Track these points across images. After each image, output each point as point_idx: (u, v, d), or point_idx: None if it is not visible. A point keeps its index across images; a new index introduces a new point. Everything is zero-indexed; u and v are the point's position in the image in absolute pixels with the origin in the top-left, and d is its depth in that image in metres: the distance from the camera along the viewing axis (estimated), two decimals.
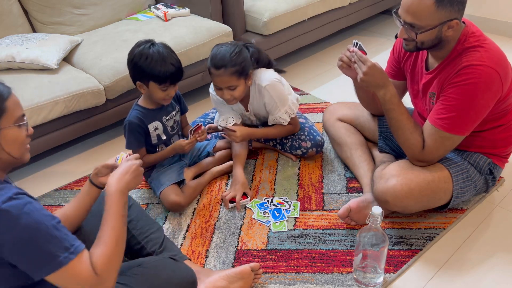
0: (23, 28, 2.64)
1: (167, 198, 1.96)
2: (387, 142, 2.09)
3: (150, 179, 2.08)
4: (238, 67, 1.92)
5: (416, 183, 1.71)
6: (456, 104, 1.62)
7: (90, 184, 1.46)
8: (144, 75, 1.86)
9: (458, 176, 1.76)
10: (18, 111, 1.17)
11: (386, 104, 1.74)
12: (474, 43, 1.62)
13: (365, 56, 1.72)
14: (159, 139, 2.05)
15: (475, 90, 1.58)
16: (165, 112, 2.03)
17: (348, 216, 1.86)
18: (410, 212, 1.87)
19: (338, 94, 2.83)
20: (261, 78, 2.07)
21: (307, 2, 2.98)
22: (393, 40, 3.51)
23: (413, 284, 1.67)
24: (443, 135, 1.66)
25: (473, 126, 1.67)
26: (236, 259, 1.78)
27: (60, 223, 1.15)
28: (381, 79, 1.71)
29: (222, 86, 1.96)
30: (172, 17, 2.83)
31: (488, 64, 1.57)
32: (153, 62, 1.83)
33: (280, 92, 2.08)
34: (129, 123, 1.96)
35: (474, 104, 1.60)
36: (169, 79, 1.86)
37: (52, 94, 2.21)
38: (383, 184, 1.74)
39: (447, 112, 1.64)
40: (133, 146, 1.99)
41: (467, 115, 1.62)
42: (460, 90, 1.60)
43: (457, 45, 1.65)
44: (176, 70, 1.87)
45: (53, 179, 2.30)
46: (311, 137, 2.23)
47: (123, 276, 1.33)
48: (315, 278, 1.68)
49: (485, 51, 1.60)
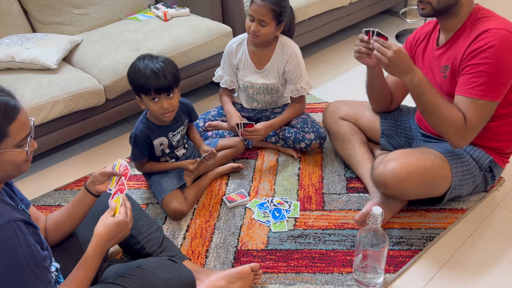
0: (23, 28, 2.64)
1: (168, 206, 1.95)
2: (389, 140, 2.08)
3: (151, 181, 2.06)
4: (278, 8, 2.06)
5: (415, 167, 1.70)
6: (484, 69, 1.61)
7: (86, 191, 1.44)
8: (134, 88, 1.86)
9: (458, 168, 1.76)
10: (22, 133, 1.12)
11: (416, 88, 1.68)
12: (486, 14, 1.68)
13: (388, 42, 1.68)
14: (163, 152, 2.04)
15: (500, 52, 1.59)
16: (172, 128, 1.99)
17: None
18: (408, 198, 1.86)
19: (338, 94, 2.83)
20: (290, 43, 2.23)
21: (307, 2, 2.98)
22: (393, 40, 3.52)
23: (413, 284, 1.66)
24: (480, 103, 1.64)
25: (505, 88, 1.65)
26: (236, 259, 1.78)
27: (42, 262, 1.13)
28: (406, 64, 1.67)
29: (256, 17, 2.07)
30: (172, 17, 2.82)
31: (505, 28, 1.61)
32: (139, 72, 1.79)
33: (303, 62, 2.25)
34: (135, 136, 1.93)
35: (502, 66, 1.61)
36: (153, 87, 1.78)
37: (52, 94, 2.20)
38: (382, 168, 1.74)
39: (478, 79, 1.63)
40: (136, 158, 1.99)
41: (498, 78, 1.62)
42: (484, 55, 1.61)
43: (470, 16, 1.69)
44: (159, 77, 1.77)
45: (53, 179, 2.30)
46: (314, 129, 2.24)
47: (122, 277, 1.33)
48: (315, 278, 1.68)
49: (498, 19, 1.66)
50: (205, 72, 2.73)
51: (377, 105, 2.10)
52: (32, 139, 1.17)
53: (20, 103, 1.13)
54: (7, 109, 1.08)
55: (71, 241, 1.50)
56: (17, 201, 1.30)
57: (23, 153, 1.14)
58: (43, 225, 1.44)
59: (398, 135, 2.06)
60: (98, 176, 1.43)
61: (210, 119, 2.41)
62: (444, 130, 1.71)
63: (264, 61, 2.24)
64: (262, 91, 2.31)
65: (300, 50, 2.25)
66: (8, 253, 1.06)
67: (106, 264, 1.51)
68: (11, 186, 1.31)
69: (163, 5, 2.93)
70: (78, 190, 2.19)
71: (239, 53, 2.26)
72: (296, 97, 2.27)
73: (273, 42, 2.21)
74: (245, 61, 2.26)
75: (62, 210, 1.47)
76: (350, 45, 3.52)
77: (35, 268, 1.11)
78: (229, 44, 2.31)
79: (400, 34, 3.59)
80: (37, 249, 1.13)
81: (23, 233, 1.10)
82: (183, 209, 1.95)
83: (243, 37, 2.27)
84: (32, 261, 1.10)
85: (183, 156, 2.11)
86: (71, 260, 1.44)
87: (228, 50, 2.30)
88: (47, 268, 1.18)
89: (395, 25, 3.77)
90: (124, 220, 1.28)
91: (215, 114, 2.45)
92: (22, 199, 1.34)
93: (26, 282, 1.09)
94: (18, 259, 1.07)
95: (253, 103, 2.39)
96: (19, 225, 1.10)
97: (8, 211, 1.11)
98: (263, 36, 2.12)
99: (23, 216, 1.15)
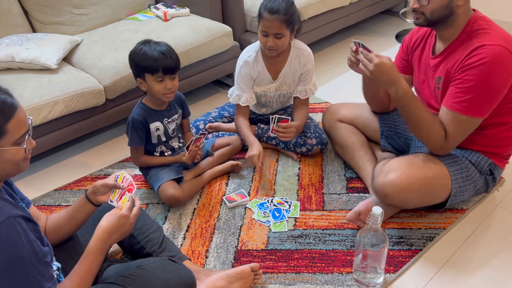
0: (23, 28, 2.63)
1: (165, 192, 1.97)
2: (389, 141, 2.08)
3: (149, 176, 2.08)
4: (289, 17, 2.02)
5: (416, 178, 1.70)
6: (472, 86, 1.60)
7: (86, 200, 1.43)
8: (139, 68, 1.90)
9: (457, 175, 1.76)
10: (20, 131, 1.13)
11: (400, 101, 1.69)
12: (483, 25, 1.63)
13: (370, 54, 1.67)
14: (159, 140, 2.06)
15: (491, 70, 1.57)
16: (167, 114, 2.04)
17: (359, 219, 1.86)
18: (409, 207, 1.86)
19: (338, 94, 2.82)
20: (303, 46, 2.23)
21: (307, 2, 2.98)
22: (393, 40, 3.53)
23: (413, 284, 1.66)
24: (462, 119, 1.64)
25: (491, 107, 1.65)
26: (236, 259, 1.78)
27: (43, 258, 1.14)
28: (390, 76, 1.65)
29: (270, 32, 2.04)
30: (172, 17, 2.82)
31: (501, 44, 1.58)
32: (146, 54, 1.87)
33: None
34: (133, 119, 1.97)
35: (490, 84, 1.59)
36: (161, 67, 1.86)
37: (52, 94, 2.20)
38: (383, 178, 1.73)
39: (464, 95, 1.62)
40: (134, 143, 2.00)
41: (484, 96, 1.61)
42: (475, 71, 1.59)
43: (466, 27, 1.65)
44: (167, 58, 1.87)
45: (53, 179, 2.30)
46: (316, 135, 2.24)
47: (122, 277, 1.33)
48: (315, 278, 1.68)
49: (496, 32, 1.61)
50: (205, 72, 2.73)
51: (374, 106, 2.10)
52: (30, 137, 1.17)
53: (17, 101, 1.14)
54: (5, 107, 1.09)
55: (72, 242, 1.50)
56: (18, 200, 1.30)
57: (22, 151, 1.15)
58: (43, 225, 1.44)
59: (397, 135, 2.06)
60: (99, 187, 1.42)
61: (210, 120, 2.41)
62: (425, 142, 1.76)
63: (279, 68, 2.21)
64: (275, 99, 2.31)
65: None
66: (9, 250, 1.06)
67: (106, 264, 1.51)
68: (11, 185, 1.31)
69: (163, 5, 2.93)
70: (78, 190, 2.19)
71: (257, 67, 2.19)
72: (303, 98, 2.26)
73: (286, 48, 2.19)
74: (262, 73, 2.21)
75: (62, 213, 1.46)
76: (350, 45, 3.52)
77: (37, 264, 1.11)
78: (243, 60, 2.19)
79: (400, 34, 3.59)
80: (38, 245, 1.14)
81: (24, 229, 1.11)
82: (179, 195, 1.97)
83: (255, 49, 2.19)
84: (34, 257, 1.10)
85: (180, 149, 2.13)
86: (71, 260, 1.44)
87: (243, 67, 2.19)
88: (49, 263, 1.18)
89: (395, 25, 3.77)
90: (125, 214, 1.29)
91: (215, 115, 2.44)
92: (22, 198, 1.34)
93: (29, 278, 1.09)
94: (19, 255, 1.07)
95: (262, 109, 2.39)
96: (19, 221, 1.11)
97: (7, 207, 1.12)
98: (281, 47, 2.09)
99: (23, 213, 1.15)
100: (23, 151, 1.15)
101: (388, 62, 1.65)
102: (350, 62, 1.80)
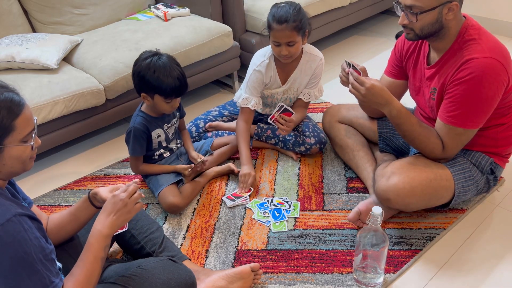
0: (23, 28, 2.64)
1: (165, 199, 1.96)
2: (387, 142, 2.09)
3: (148, 179, 2.07)
4: (299, 23, 2.01)
5: (419, 181, 1.70)
6: (464, 100, 1.62)
7: (89, 203, 1.43)
8: (151, 88, 1.87)
9: (460, 176, 1.76)
10: (27, 128, 1.15)
11: (394, 120, 1.74)
12: (474, 35, 1.63)
13: (361, 77, 1.69)
14: (160, 145, 2.06)
15: (481, 83, 1.58)
16: (167, 119, 2.04)
17: (359, 219, 1.86)
18: (412, 210, 1.87)
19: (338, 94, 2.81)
20: (314, 51, 2.23)
21: (307, 2, 2.97)
22: (393, 40, 3.52)
23: (413, 284, 1.66)
24: (457, 131, 1.67)
25: (485, 118, 1.66)
26: (236, 259, 1.78)
27: (49, 255, 1.15)
28: (383, 98, 1.69)
29: (282, 42, 2.02)
30: (172, 17, 2.82)
31: (489, 55, 1.58)
32: (161, 76, 1.84)
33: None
34: (135, 129, 1.96)
35: (481, 97, 1.60)
36: (175, 93, 1.88)
37: (52, 94, 2.20)
38: (385, 182, 1.74)
39: (456, 109, 1.64)
40: (136, 153, 2.00)
41: (476, 109, 1.62)
42: (465, 86, 1.60)
43: (458, 37, 1.65)
44: (181, 84, 1.88)
45: (53, 179, 2.30)
46: (315, 134, 2.24)
47: (122, 277, 1.33)
48: (315, 278, 1.68)
49: (485, 43, 1.61)
50: (205, 72, 2.73)
51: (371, 114, 2.11)
52: (36, 135, 1.20)
53: (24, 99, 1.17)
54: (13, 104, 1.12)
55: (72, 242, 1.50)
56: (20, 200, 1.31)
57: (28, 148, 1.18)
58: (45, 225, 1.44)
59: (396, 137, 2.06)
60: (99, 197, 1.39)
61: (211, 119, 2.41)
62: (423, 153, 1.79)
63: (289, 73, 2.21)
64: (281, 101, 2.30)
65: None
66: (18, 246, 1.08)
67: (106, 264, 1.51)
68: (14, 185, 1.32)
69: (163, 5, 2.93)
70: (78, 190, 2.19)
71: (269, 73, 2.19)
72: (305, 101, 2.26)
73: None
74: (273, 78, 2.21)
75: (64, 213, 1.46)
76: (350, 45, 3.52)
77: (45, 260, 1.13)
78: (257, 65, 2.17)
79: (400, 34, 3.58)
80: (44, 242, 1.15)
81: (30, 226, 1.13)
82: (179, 203, 1.96)
83: (268, 55, 2.18)
84: (41, 253, 1.12)
85: (177, 150, 2.14)
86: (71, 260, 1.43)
87: (257, 73, 2.17)
88: (55, 261, 1.19)
89: (395, 25, 3.76)
90: (117, 194, 1.27)
91: (216, 114, 2.44)
92: (24, 198, 1.35)
93: (39, 273, 1.11)
94: (28, 251, 1.09)
95: (266, 109, 2.38)
96: (25, 219, 1.13)
97: (13, 206, 1.13)
98: (295, 53, 2.09)
99: (28, 212, 1.17)
100: (29, 149, 1.18)
101: (379, 84, 1.69)
102: (341, 81, 1.82)
